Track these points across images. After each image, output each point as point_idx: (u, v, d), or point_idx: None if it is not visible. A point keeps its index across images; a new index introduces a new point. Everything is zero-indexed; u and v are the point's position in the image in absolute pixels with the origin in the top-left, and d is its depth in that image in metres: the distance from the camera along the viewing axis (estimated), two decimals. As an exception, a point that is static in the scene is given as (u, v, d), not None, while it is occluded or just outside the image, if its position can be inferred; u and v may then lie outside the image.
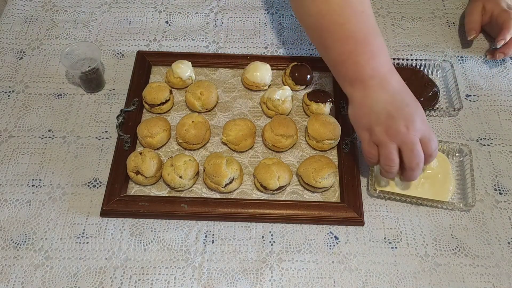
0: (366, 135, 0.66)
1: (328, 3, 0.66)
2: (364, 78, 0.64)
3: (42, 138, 0.78)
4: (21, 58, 0.88)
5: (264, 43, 0.92)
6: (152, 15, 0.96)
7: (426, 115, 0.81)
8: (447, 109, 0.80)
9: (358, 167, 0.74)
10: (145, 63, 0.86)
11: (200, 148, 0.77)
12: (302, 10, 0.71)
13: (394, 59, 0.86)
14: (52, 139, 0.78)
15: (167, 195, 0.72)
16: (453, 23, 0.96)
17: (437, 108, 0.81)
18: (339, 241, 0.69)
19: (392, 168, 0.64)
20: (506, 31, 0.84)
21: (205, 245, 0.68)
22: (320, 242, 0.69)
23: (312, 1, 0.67)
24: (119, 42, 0.91)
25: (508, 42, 0.85)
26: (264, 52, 0.90)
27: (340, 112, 0.80)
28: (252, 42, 0.92)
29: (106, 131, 0.79)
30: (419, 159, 0.63)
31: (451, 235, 0.70)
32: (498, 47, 0.85)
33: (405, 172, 0.65)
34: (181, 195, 0.72)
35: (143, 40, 0.92)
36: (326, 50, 0.69)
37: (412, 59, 0.86)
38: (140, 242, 0.68)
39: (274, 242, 0.69)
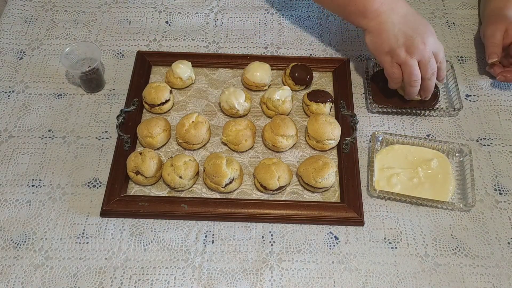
0: (388, 59, 0.74)
1: None
2: (374, 7, 0.73)
3: (42, 138, 0.78)
4: (21, 58, 0.88)
5: (264, 43, 0.92)
6: (152, 15, 0.96)
7: (426, 115, 0.81)
8: (447, 109, 0.80)
9: (358, 167, 0.74)
10: (145, 63, 0.86)
11: (200, 148, 0.77)
12: None
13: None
14: (52, 139, 0.78)
15: (167, 195, 0.72)
16: (453, 23, 0.95)
17: (437, 108, 0.81)
18: (339, 241, 0.69)
19: (418, 82, 0.73)
20: None
21: (205, 245, 0.68)
22: (320, 242, 0.69)
23: None
24: (119, 42, 0.91)
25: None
26: (264, 52, 0.90)
27: (340, 112, 0.80)
28: (252, 42, 0.92)
29: (106, 131, 0.79)
30: (434, 69, 0.73)
31: (451, 235, 0.70)
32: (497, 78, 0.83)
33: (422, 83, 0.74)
34: (181, 195, 0.72)
35: (143, 40, 0.92)
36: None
37: (412, 59, 0.86)
38: (140, 242, 0.68)
39: (274, 242, 0.69)
